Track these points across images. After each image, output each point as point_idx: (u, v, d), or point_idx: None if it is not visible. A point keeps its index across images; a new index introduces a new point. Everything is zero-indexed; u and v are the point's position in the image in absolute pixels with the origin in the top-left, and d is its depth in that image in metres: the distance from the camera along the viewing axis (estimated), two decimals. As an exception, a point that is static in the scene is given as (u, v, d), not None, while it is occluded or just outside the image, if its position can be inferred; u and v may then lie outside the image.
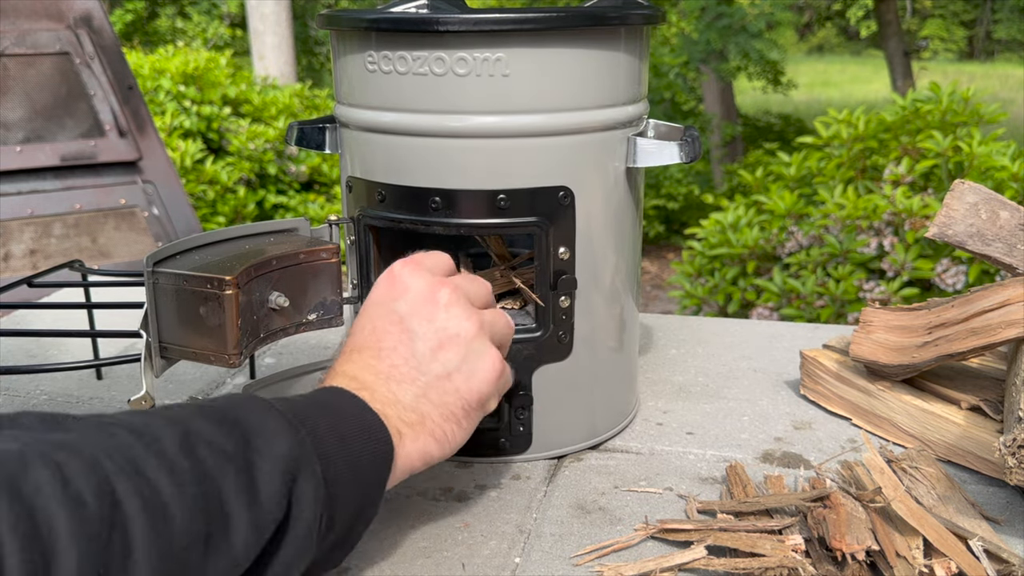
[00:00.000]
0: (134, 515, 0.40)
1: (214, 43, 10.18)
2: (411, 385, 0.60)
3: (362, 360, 0.61)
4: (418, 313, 0.62)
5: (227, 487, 0.46)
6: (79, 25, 2.06)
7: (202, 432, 0.47)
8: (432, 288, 0.62)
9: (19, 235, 1.90)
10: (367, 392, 0.58)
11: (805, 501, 0.67)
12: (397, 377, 0.60)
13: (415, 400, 0.59)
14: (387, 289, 0.63)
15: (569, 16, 0.70)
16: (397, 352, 0.61)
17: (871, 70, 16.49)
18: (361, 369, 0.60)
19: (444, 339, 0.61)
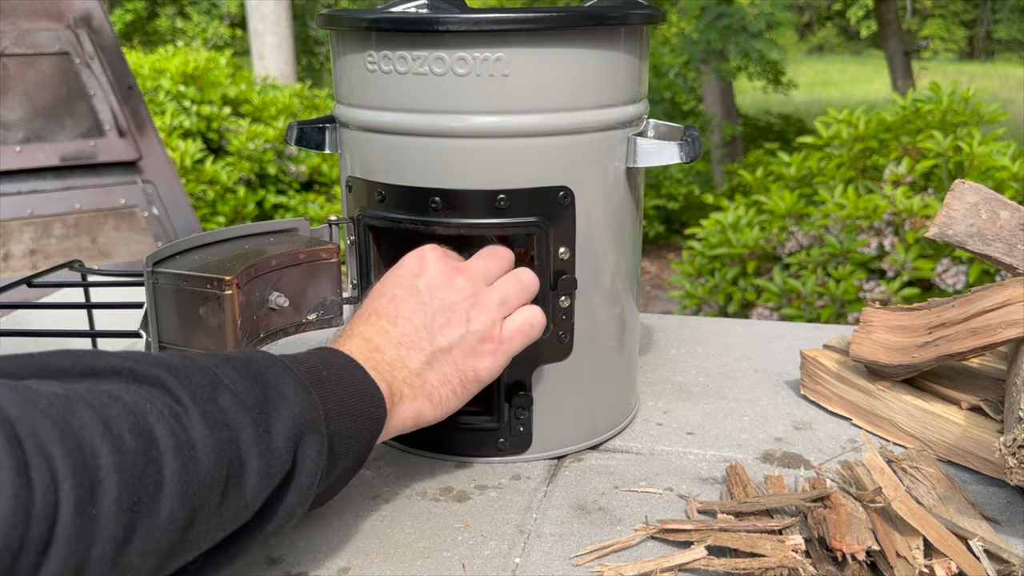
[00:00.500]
0: (167, 452, 0.46)
1: (214, 43, 10.18)
2: (419, 353, 0.67)
3: (379, 324, 0.67)
4: (435, 291, 0.69)
5: (245, 436, 0.51)
6: (79, 25, 2.06)
7: (228, 381, 0.53)
8: (451, 273, 0.69)
9: (19, 235, 1.90)
10: (378, 354, 0.65)
11: (805, 501, 0.67)
12: (407, 344, 0.67)
13: (420, 366, 0.66)
14: (411, 266, 0.70)
15: (569, 16, 0.70)
16: (411, 321, 0.67)
17: (871, 70, 16.49)
18: (376, 332, 0.67)
19: (453, 318, 0.68)
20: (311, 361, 0.60)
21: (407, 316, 0.68)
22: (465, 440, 0.80)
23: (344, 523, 0.71)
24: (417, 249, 0.71)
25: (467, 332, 0.68)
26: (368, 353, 0.65)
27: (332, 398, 0.59)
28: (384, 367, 0.64)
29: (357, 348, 0.65)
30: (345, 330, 0.69)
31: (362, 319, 0.68)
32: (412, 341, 0.67)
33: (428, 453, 0.82)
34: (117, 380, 0.49)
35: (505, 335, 0.70)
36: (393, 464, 0.81)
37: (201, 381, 0.51)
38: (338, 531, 0.70)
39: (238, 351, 0.58)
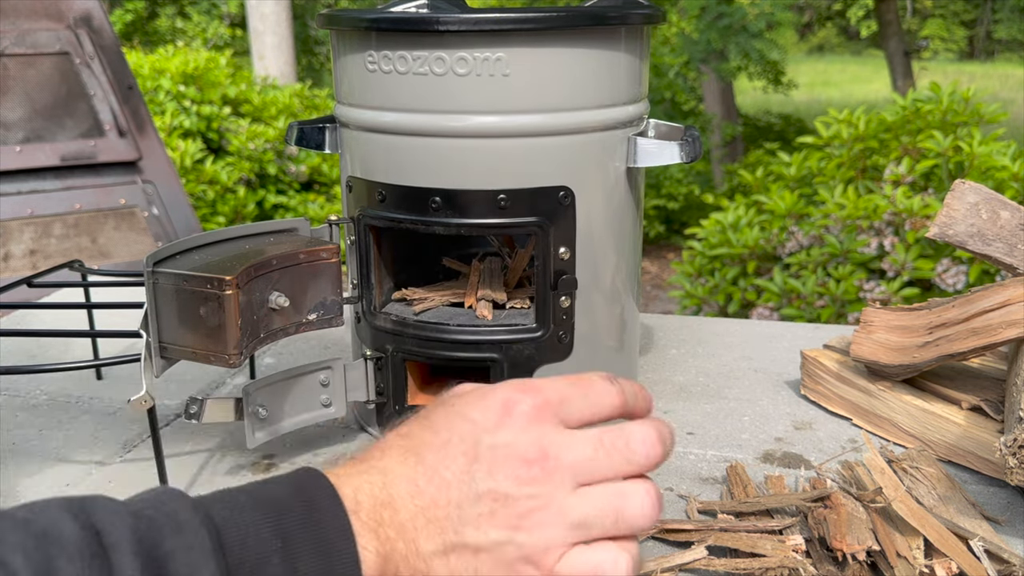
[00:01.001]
0: None
1: (214, 43, 10.18)
2: (438, 535, 0.48)
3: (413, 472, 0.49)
4: (496, 466, 0.48)
5: None
6: (79, 25, 2.06)
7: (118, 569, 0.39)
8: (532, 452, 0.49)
9: (19, 235, 1.90)
10: (388, 511, 0.48)
11: (806, 501, 0.67)
12: (430, 516, 0.48)
13: (433, 553, 0.48)
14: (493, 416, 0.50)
15: (569, 16, 0.70)
16: (445, 490, 0.48)
17: (871, 70, 16.49)
18: (402, 481, 0.49)
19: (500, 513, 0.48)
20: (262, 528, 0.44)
21: (446, 479, 0.48)
22: (465, 440, 0.80)
23: (344, 523, 0.70)
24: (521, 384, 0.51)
25: (508, 541, 0.48)
26: (375, 505, 0.48)
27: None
28: (388, 531, 0.47)
29: (367, 492, 0.48)
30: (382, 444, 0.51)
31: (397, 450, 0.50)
32: (434, 516, 0.48)
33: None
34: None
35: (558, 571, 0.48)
36: (393, 464, 0.80)
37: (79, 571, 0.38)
38: (338, 531, 0.69)
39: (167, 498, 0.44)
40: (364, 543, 0.46)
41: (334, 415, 0.80)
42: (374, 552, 0.46)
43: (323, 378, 0.79)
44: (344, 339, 1.11)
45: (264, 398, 0.75)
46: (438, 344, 0.78)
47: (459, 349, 0.78)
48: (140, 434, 0.87)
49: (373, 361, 0.81)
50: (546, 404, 0.50)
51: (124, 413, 0.92)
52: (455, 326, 0.78)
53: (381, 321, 0.81)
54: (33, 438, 0.86)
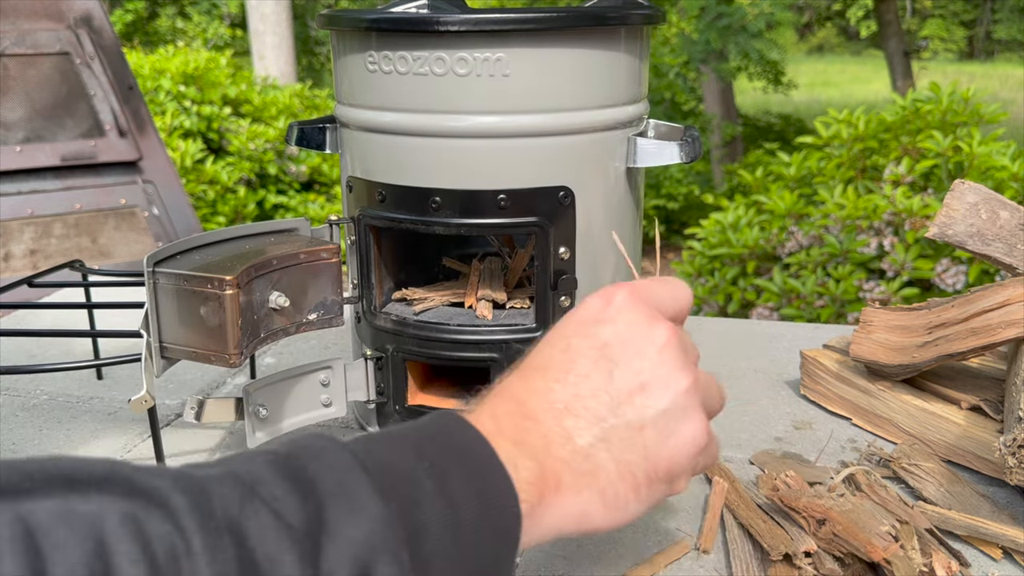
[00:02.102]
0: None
1: (214, 43, 10.18)
2: (593, 425, 0.47)
3: (542, 382, 0.49)
4: (627, 344, 0.50)
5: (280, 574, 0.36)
6: (79, 25, 2.06)
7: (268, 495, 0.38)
8: (650, 322, 0.51)
9: (19, 235, 1.90)
10: (530, 422, 0.47)
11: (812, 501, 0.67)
12: (578, 411, 0.48)
13: (592, 443, 0.47)
14: (597, 310, 0.51)
15: (569, 16, 0.70)
16: (588, 380, 0.48)
17: (871, 70, 16.49)
18: (534, 393, 0.48)
19: (650, 381, 0.49)
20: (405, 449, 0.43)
21: (583, 373, 0.49)
22: (465, 440, 0.80)
23: (344, 523, 0.71)
24: (605, 288, 0.53)
25: (667, 407, 0.48)
26: (517, 420, 0.47)
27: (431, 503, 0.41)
28: (537, 441, 0.46)
29: (502, 410, 0.47)
30: (502, 382, 0.51)
31: (521, 373, 0.50)
32: (586, 407, 0.48)
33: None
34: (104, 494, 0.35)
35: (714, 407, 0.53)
36: (393, 464, 0.80)
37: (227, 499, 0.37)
38: (338, 531, 0.69)
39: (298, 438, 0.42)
40: (515, 456, 0.45)
41: (334, 415, 0.80)
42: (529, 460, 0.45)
43: (323, 378, 0.79)
44: (344, 339, 1.11)
45: (264, 398, 0.75)
46: (438, 344, 0.78)
47: (459, 349, 0.78)
48: (140, 434, 0.87)
49: (373, 361, 0.81)
50: (636, 291, 0.52)
51: (124, 413, 0.92)
52: (455, 326, 0.78)
53: (381, 321, 0.81)
54: (33, 438, 0.86)
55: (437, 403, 0.82)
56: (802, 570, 0.60)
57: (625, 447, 0.47)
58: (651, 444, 0.48)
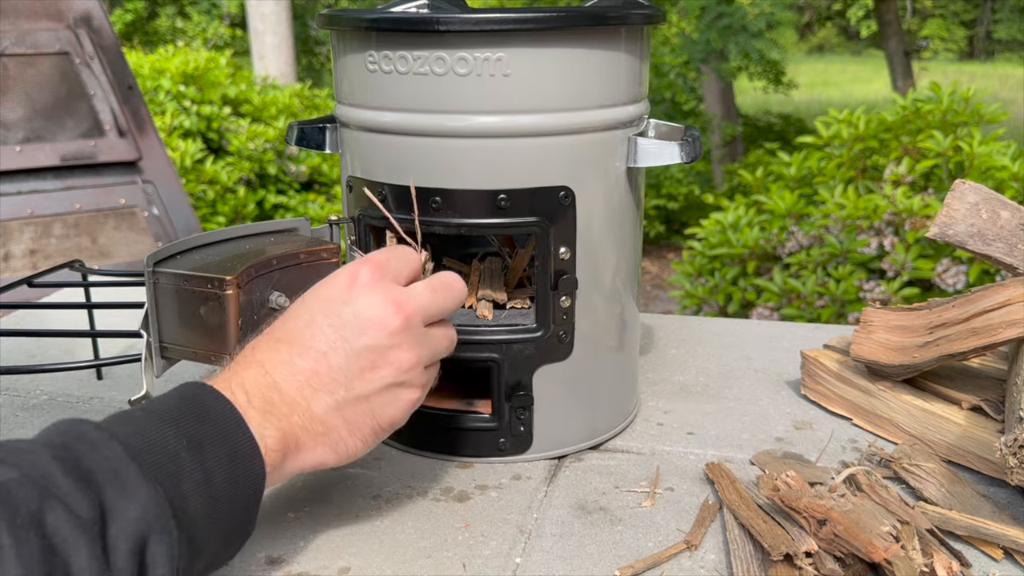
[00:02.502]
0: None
1: (214, 43, 10.18)
2: (328, 396, 0.57)
3: (286, 353, 0.58)
4: (364, 326, 0.58)
5: (78, 561, 0.43)
6: (79, 25, 2.06)
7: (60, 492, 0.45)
8: (386, 307, 0.59)
9: (19, 235, 1.90)
10: (275, 393, 0.56)
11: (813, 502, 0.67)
12: (315, 384, 0.57)
13: (326, 411, 0.58)
14: (342, 290, 0.60)
15: (569, 16, 0.70)
16: (327, 358, 0.58)
17: (871, 70, 16.49)
18: (279, 364, 0.57)
19: (380, 362, 0.59)
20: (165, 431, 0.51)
21: (322, 350, 0.58)
22: (466, 440, 0.80)
23: (345, 523, 0.71)
24: (351, 266, 0.61)
25: (393, 382, 0.59)
26: (263, 391, 0.56)
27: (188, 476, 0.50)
28: (281, 409, 0.56)
29: (251, 382, 0.56)
30: (248, 346, 0.59)
31: (269, 343, 0.59)
32: (323, 382, 0.57)
33: (429, 453, 0.82)
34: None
35: (425, 380, 0.63)
36: (394, 464, 0.81)
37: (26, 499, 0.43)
38: (339, 531, 0.70)
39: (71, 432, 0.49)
40: (263, 426, 0.54)
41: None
42: (275, 429, 0.55)
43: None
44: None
45: (264, 398, 0.75)
46: (438, 344, 0.78)
47: (459, 349, 0.77)
48: (140, 434, 0.87)
49: (373, 361, 0.81)
50: (378, 267, 0.61)
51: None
52: (455, 326, 0.78)
53: (381, 321, 0.81)
54: (33, 438, 0.86)
55: (437, 403, 0.82)
56: (803, 570, 0.60)
57: (355, 413, 0.58)
58: (377, 408, 0.59)
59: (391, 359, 0.59)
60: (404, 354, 0.59)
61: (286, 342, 0.58)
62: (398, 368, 0.59)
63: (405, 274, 0.63)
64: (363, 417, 0.59)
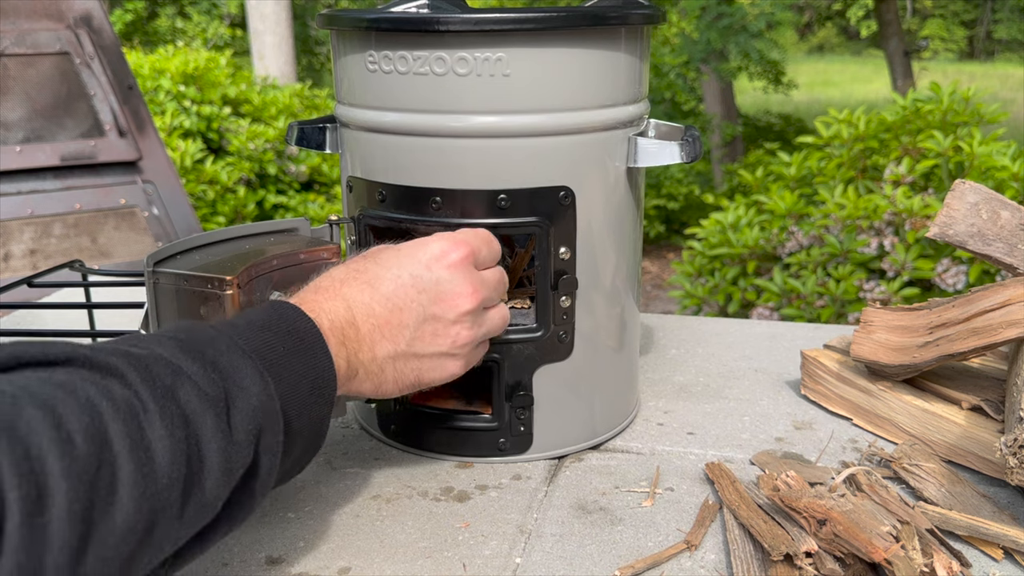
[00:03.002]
0: (121, 455, 0.44)
1: (214, 43, 10.18)
2: (391, 344, 0.65)
3: (368, 298, 0.64)
4: (440, 298, 0.66)
5: (206, 432, 0.49)
6: (79, 25, 2.06)
7: (190, 372, 0.50)
8: (463, 289, 0.66)
9: (19, 235, 1.90)
10: (352, 329, 0.63)
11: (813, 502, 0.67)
12: (385, 331, 0.65)
13: (385, 358, 0.65)
14: (433, 258, 0.66)
15: (569, 16, 0.70)
16: (401, 313, 0.65)
17: (871, 70, 16.49)
18: (361, 305, 0.64)
19: (441, 332, 0.66)
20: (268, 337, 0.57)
21: (399, 306, 0.65)
22: (466, 440, 0.80)
23: (345, 523, 0.71)
24: (450, 238, 0.68)
25: (446, 352, 0.67)
26: (342, 325, 0.62)
27: (287, 379, 0.56)
28: (352, 343, 0.63)
29: (335, 312, 0.63)
30: (336, 276, 0.66)
31: (355, 282, 0.65)
32: (392, 332, 0.65)
33: (429, 453, 0.82)
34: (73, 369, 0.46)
35: (472, 358, 0.70)
36: (394, 464, 0.81)
37: (162, 373, 0.49)
38: (339, 531, 0.69)
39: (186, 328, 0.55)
40: (336, 351, 0.61)
41: (334, 415, 0.80)
42: (344, 358, 0.62)
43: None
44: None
45: (264, 398, 0.75)
46: (438, 344, 0.78)
47: (459, 349, 0.77)
48: (140, 434, 0.87)
49: (373, 361, 0.81)
50: (470, 254, 0.68)
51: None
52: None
53: (381, 321, 0.81)
54: (33, 438, 0.86)
55: (437, 403, 0.82)
56: (803, 570, 0.60)
57: (406, 366, 0.66)
58: (424, 369, 0.67)
59: (452, 333, 0.66)
60: (464, 332, 0.67)
61: (371, 286, 0.65)
62: (454, 343, 0.67)
63: (485, 263, 0.70)
64: (410, 372, 0.66)
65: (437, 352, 0.66)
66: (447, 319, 0.66)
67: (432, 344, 0.66)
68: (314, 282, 0.66)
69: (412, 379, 0.67)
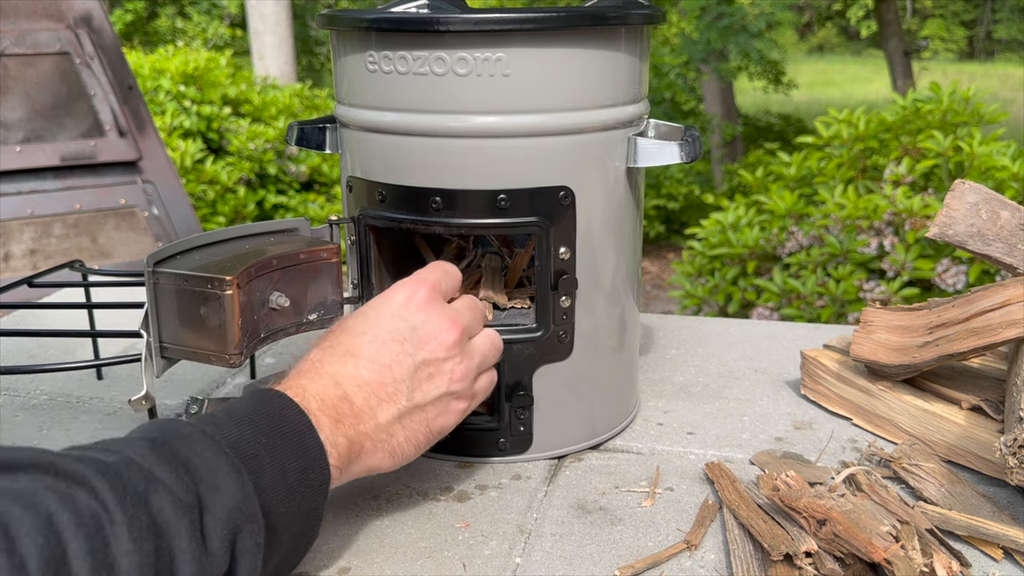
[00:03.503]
0: None
1: (214, 43, 10.18)
2: (392, 405, 0.62)
3: (354, 368, 0.62)
4: (424, 340, 0.64)
5: (179, 543, 0.46)
6: (79, 25, 2.06)
7: (163, 476, 0.48)
8: (441, 323, 0.65)
9: (19, 235, 1.90)
10: (345, 404, 0.60)
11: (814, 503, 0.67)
12: (381, 395, 0.62)
13: (390, 421, 0.62)
14: (401, 307, 0.65)
15: (569, 16, 0.70)
16: (391, 370, 0.63)
17: (871, 70, 16.49)
18: (349, 377, 0.62)
19: (436, 373, 0.64)
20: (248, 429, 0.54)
21: (387, 363, 0.62)
22: (466, 440, 0.80)
23: (344, 523, 0.71)
24: (409, 282, 0.67)
25: (447, 392, 0.65)
26: (334, 401, 0.60)
27: (268, 473, 0.53)
28: (349, 419, 0.60)
29: (324, 392, 0.60)
30: (314, 357, 0.63)
31: (336, 356, 0.63)
32: (388, 393, 0.62)
33: (429, 453, 0.82)
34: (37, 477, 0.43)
35: (476, 391, 0.68)
36: (393, 464, 0.81)
37: (134, 479, 0.46)
38: (338, 531, 0.70)
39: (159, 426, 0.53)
40: (332, 431, 0.58)
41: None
42: (344, 436, 0.59)
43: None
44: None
45: (264, 398, 0.75)
46: (438, 344, 0.78)
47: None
48: (140, 434, 0.87)
49: (373, 361, 0.81)
50: (433, 289, 0.66)
51: (124, 413, 0.92)
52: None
53: (381, 321, 0.81)
54: (34, 438, 0.86)
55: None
56: (803, 570, 0.60)
57: (413, 421, 0.63)
58: (431, 417, 0.64)
59: (446, 370, 0.64)
60: (458, 366, 0.65)
61: (353, 355, 0.62)
62: (451, 379, 0.65)
63: (450, 293, 0.69)
64: (419, 425, 0.64)
65: (438, 395, 0.64)
66: (438, 358, 0.64)
67: (431, 388, 0.64)
68: (295, 367, 0.63)
69: (424, 432, 0.64)
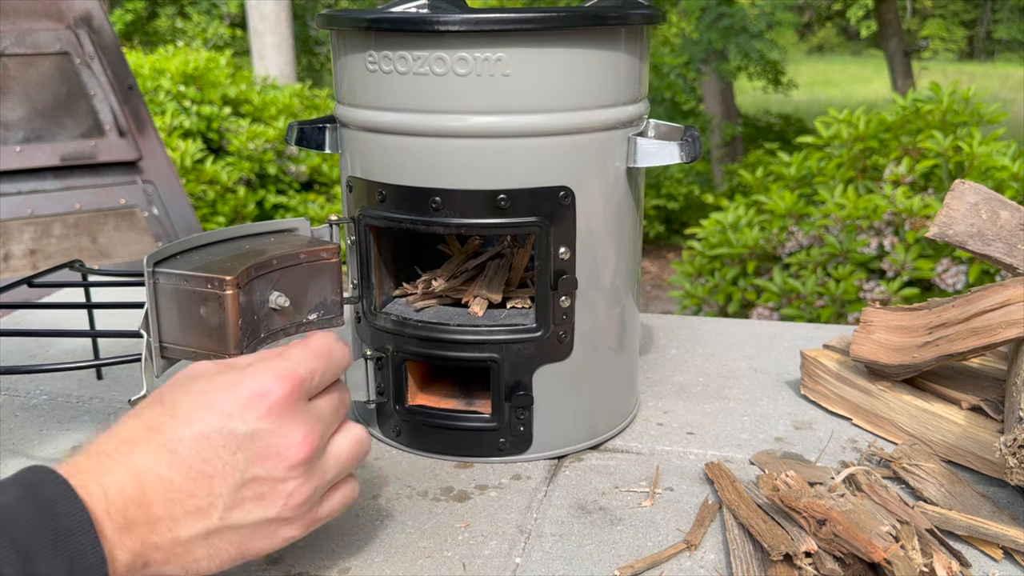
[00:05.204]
0: None
1: (214, 43, 10.17)
2: (200, 521, 0.51)
3: (167, 466, 0.50)
4: (261, 457, 0.52)
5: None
6: (79, 25, 2.06)
7: None
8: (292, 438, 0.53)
9: (19, 235, 1.90)
10: (141, 510, 0.49)
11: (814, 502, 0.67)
12: (189, 506, 0.50)
13: (192, 538, 0.51)
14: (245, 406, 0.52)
15: (569, 16, 0.70)
16: (211, 482, 0.51)
17: (871, 70, 16.49)
18: (155, 478, 0.50)
19: (268, 495, 0.53)
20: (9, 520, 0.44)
21: (207, 473, 0.51)
22: (465, 440, 0.80)
23: (344, 523, 0.71)
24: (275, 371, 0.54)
25: (276, 517, 0.53)
26: (126, 504, 0.48)
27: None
28: (141, 527, 0.49)
29: (117, 488, 0.49)
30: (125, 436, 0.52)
31: (148, 445, 0.51)
32: (199, 507, 0.50)
33: (428, 453, 0.82)
34: None
35: (319, 516, 0.57)
36: (393, 464, 0.81)
37: None
38: (338, 531, 0.70)
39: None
40: (115, 540, 0.48)
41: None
42: (128, 549, 0.48)
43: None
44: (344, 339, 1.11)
45: (264, 398, 0.75)
46: (438, 344, 0.78)
47: (459, 349, 0.78)
48: (140, 434, 0.87)
49: (373, 361, 0.81)
50: (298, 388, 0.54)
51: (124, 413, 0.92)
52: (455, 326, 0.78)
53: (381, 321, 0.81)
54: (33, 438, 0.86)
55: (437, 403, 0.83)
56: (802, 570, 0.60)
57: (222, 541, 0.52)
58: (246, 539, 0.53)
59: (282, 492, 0.53)
60: (299, 488, 0.53)
61: (170, 451, 0.51)
62: (286, 504, 0.53)
63: (327, 382, 0.58)
64: (228, 546, 0.52)
65: (263, 519, 0.53)
66: (274, 478, 0.52)
67: (256, 511, 0.52)
68: (98, 440, 0.52)
69: (231, 553, 0.53)
